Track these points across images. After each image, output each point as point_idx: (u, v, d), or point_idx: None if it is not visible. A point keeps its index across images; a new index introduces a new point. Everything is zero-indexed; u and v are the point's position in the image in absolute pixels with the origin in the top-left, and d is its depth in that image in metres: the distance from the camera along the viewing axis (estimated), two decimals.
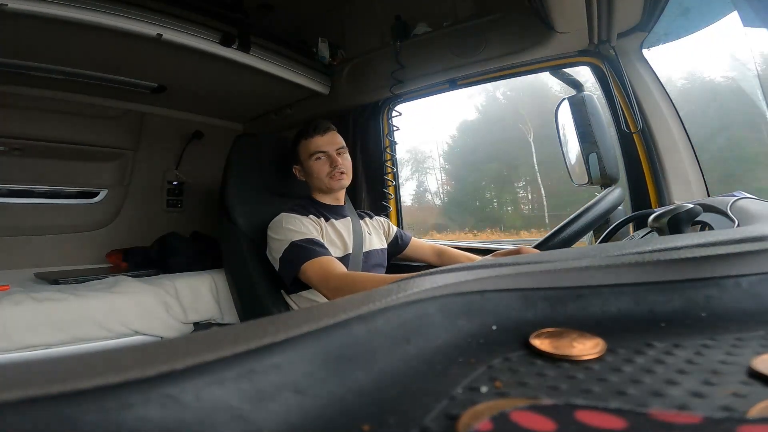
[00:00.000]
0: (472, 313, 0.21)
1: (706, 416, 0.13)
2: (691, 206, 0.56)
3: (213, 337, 0.15)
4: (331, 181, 1.09)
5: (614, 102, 1.05)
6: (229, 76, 1.38)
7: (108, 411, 0.11)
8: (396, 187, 1.62)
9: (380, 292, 0.20)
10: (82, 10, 0.94)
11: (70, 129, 1.53)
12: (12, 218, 1.50)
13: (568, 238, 0.75)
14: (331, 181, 1.09)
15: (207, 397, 0.12)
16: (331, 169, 1.08)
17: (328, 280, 0.87)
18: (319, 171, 1.09)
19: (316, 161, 1.09)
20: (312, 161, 1.09)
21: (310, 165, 1.10)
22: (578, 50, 1.11)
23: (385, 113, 1.59)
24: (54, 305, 1.02)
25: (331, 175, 1.08)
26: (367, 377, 0.16)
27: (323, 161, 1.09)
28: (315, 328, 0.16)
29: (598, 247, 0.28)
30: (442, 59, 1.29)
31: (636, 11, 0.93)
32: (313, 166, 1.09)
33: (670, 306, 0.22)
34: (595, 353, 0.19)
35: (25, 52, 1.17)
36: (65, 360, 0.12)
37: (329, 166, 1.09)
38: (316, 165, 1.09)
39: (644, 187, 1.05)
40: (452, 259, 1.19)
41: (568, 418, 0.13)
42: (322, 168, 1.09)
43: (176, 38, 1.09)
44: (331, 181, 1.09)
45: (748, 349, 0.19)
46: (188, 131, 1.86)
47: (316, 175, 1.10)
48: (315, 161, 1.09)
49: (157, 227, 1.69)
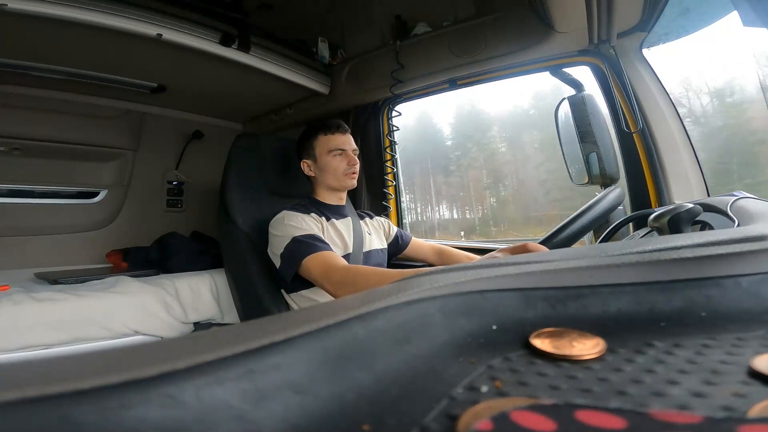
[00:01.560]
0: (472, 313, 0.21)
1: (706, 416, 0.13)
2: (691, 206, 0.56)
3: (213, 337, 0.15)
4: (346, 178, 1.11)
5: (614, 102, 1.05)
6: (229, 76, 1.38)
7: (108, 411, 0.11)
8: (396, 187, 1.62)
9: (380, 292, 0.20)
10: (82, 10, 0.94)
11: (70, 129, 1.53)
12: (12, 218, 1.50)
13: (568, 238, 0.75)
14: (346, 178, 1.11)
15: (207, 397, 0.12)
16: (348, 167, 1.11)
17: (330, 274, 0.87)
18: (336, 167, 1.11)
19: (335, 157, 1.11)
20: (330, 157, 1.11)
21: (327, 161, 1.11)
22: (578, 50, 1.11)
23: (385, 113, 1.59)
24: (54, 305, 1.01)
25: (347, 173, 1.11)
26: (367, 377, 0.16)
27: (342, 158, 1.11)
28: (315, 328, 0.16)
29: (598, 247, 0.28)
30: (442, 59, 1.29)
31: (636, 11, 0.93)
32: (331, 162, 1.11)
33: (670, 306, 0.22)
34: (595, 353, 0.19)
35: (25, 52, 1.17)
36: (65, 360, 0.12)
37: (346, 164, 1.11)
38: (335, 161, 1.11)
39: (644, 187, 1.05)
40: (452, 258, 1.20)
41: (568, 417, 0.13)
42: (340, 165, 1.11)
43: (176, 38, 1.09)
44: (345, 178, 1.11)
45: (748, 348, 0.19)
46: (188, 131, 1.86)
47: (332, 171, 1.11)
48: (333, 157, 1.11)
49: (157, 227, 1.69)
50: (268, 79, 1.38)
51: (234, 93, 1.59)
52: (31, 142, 1.47)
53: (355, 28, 1.54)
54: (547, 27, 1.04)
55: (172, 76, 1.45)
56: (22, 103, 1.41)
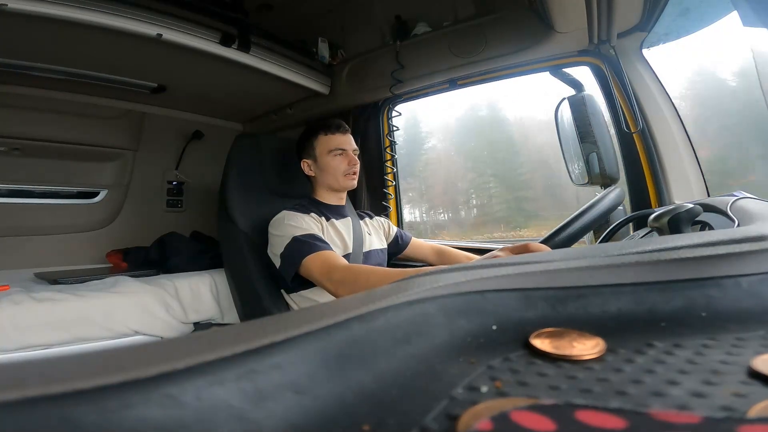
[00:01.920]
0: (472, 313, 0.21)
1: (706, 416, 0.13)
2: (691, 206, 0.56)
3: (213, 337, 0.15)
4: (346, 179, 1.11)
5: (614, 102, 1.05)
6: (229, 76, 1.38)
7: (108, 411, 0.11)
8: (396, 187, 1.62)
9: (380, 292, 0.20)
10: (82, 10, 0.94)
11: (70, 129, 1.53)
12: (12, 218, 1.50)
13: (568, 238, 0.75)
14: (346, 179, 1.11)
15: (207, 397, 0.12)
16: (348, 168, 1.11)
17: (331, 273, 0.87)
18: (336, 167, 1.10)
19: (335, 157, 1.11)
20: (330, 157, 1.11)
21: (327, 161, 1.11)
22: (578, 50, 1.11)
23: (385, 113, 1.59)
24: (54, 305, 1.01)
25: (347, 173, 1.11)
26: (368, 377, 0.16)
27: (342, 159, 1.11)
28: (315, 327, 0.16)
29: (598, 247, 0.28)
30: (442, 59, 1.29)
31: (636, 11, 0.93)
32: (331, 162, 1.11)
33: (670, 306, 0.22)
34: (595, 353, 0.19)
35: (25, 52, 1.17)
36: (65, 360, 0.12)
37: (347, 164, 1.11)
38: (335, 161, 1.10)
39: (644, 187, 1.05)
40: (452, 259, 1.20)
41: (568, 418, 0.13)
42: (340, 165, 1.10)
43: (176, 38, 1.09)
44: (345, 179, 1.11)
45: (748, 348, 0.19)
46: (188, 131, 1.86)
47: (333, 171, 1.11)
48: (334, 157, 1.11)
49: (157, 227, 1.69)
50: (268, 79, 1.38)
51: (234, 93, 1.59)
52: (31, 142, 1.46)
53: (355, 28, 1.54)
54: (547, 27, 1.04)
55: (172, 76, 1.45)
56: (22, 103, 1.41)
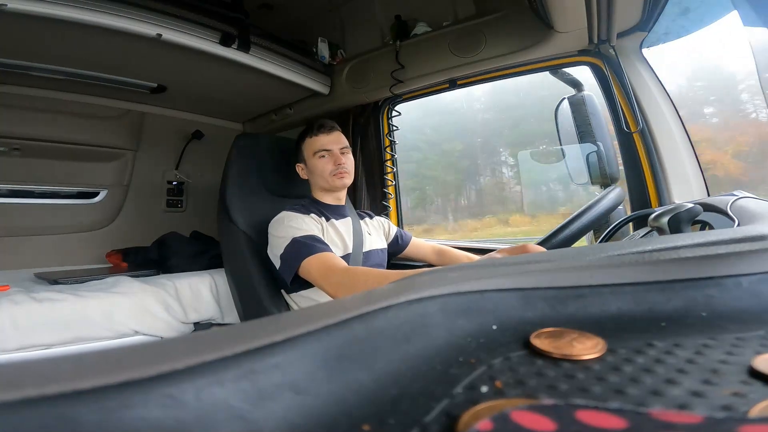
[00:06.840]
0: (472, 312, 0.21)
1: (706, 416, 0.13)
2: (691, 206, 0.56)
3: (213, 337, 0.15)
4: (334, 178, 1.10)
5: (614, 102, 1.05)
6: (228, 76, 1.38)
7: (108, 411, 0.11)
8: (396, 187, 1.62)
9: (380, 292, 0.20)
10: (82, 10, 0.94)
11: (70, 129, 1.53)
12: (12, 218, 1.50)
13: (568, 238, 0.75)
14: (334, 178, 1.10)
15: (207, 397, 0.12)
16: (335, 168, 1.10)
17: (329, 275, 0.87)
18: (323, 169, 1.10)
19: (320, 159, 1.10)
20: (316, 159, 1.10)
21: (314, 163, 1.11)
22: (578, 50, 1.11)
23: (385, 113, 1.59)
24: (54, 305, 1.01)
25: (334, 173, 1.10)
26: (368, 377, 0.16)
27: (327, 159, 1.10)
28: (315, 328, 0.16)
29: (598, 247, 0.28)
30: (442, 59, 1.29)
31: (636, 11, 0.93)
32: (317, 164, 1.10)
33: (670, 305, 0.22)
34: (595, 353, 0.19)
35: (25, 52, 1.17)
36: (65, 360, 0.12)
37: (333, 164, 1.10)
38: (320, 163, 1.10)
39: (644, 187, 1.05)
40: (452, 258, 1.20)
41: (568, 418, 0.13)
42: (326, 166, 1.10)
43: (176, 38, 1.09)
44: (333, 178, 1.10)
45: (748, 348, 0.19)
46: (188, 131, 1.86)
47: (320, 173, 1.10)
48: (319, 159, 1.10)
49: (157, 227, 1.69)
50: (268, 79, 1.38)
51: (234, 93, 1.59)
52: (31, 142, 1.46)
53: (355, 28, 1.54)
54: (546, 27, 1.04)
55: (172, 76, 1.45)
56: (22, 103, 1.41)
